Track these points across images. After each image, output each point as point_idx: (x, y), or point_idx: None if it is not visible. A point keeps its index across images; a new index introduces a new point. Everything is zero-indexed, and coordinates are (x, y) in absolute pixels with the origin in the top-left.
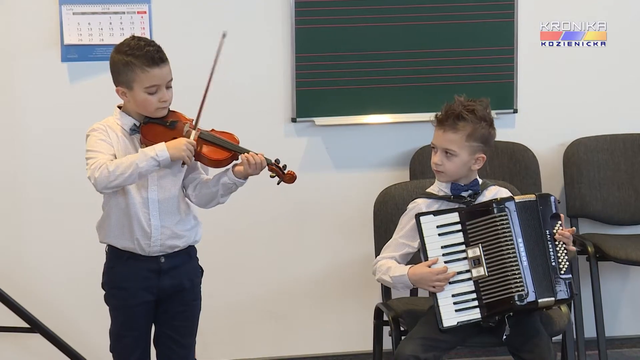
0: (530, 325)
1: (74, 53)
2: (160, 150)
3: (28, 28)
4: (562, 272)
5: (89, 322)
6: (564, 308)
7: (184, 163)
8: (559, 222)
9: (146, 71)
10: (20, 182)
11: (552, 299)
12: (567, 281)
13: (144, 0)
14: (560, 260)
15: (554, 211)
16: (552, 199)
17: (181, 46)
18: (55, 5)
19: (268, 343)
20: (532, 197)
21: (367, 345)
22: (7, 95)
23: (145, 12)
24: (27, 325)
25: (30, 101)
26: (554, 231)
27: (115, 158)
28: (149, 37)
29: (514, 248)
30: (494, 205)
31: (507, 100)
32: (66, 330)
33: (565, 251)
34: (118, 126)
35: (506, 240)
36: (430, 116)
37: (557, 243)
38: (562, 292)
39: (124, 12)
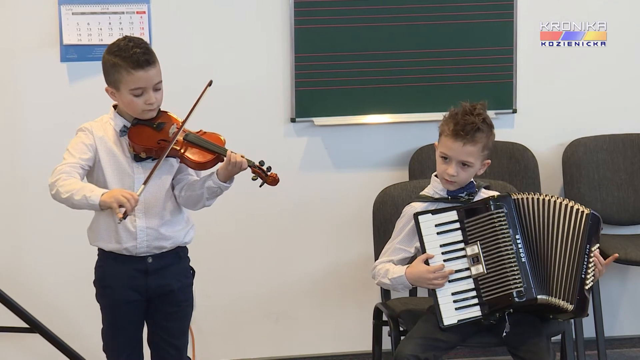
0: (530, 325)
1: (73, 53)
2: (96, 195)
3: (27, 28)
4: (587, 288)
5: (88, 323)
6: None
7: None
8: (597, 245)
9: (131, 73)
10: (20, 182)
11: (572, 306)
12: (585, 297)
13: (143, 0)
14: (587, 277)
15: (594, 232)
16: (599, 219)
17: (180, 46)
18: (54, 5)
19: (267, 343)
20: (586, 210)
21: (367, 345)
22: (6, 95)
23: (144, 12)
24: (26, 326)
25: (30, 101)
26: (592, 250)
27: (91, 163)
28: (147, 38)
29: (511, 244)
30: (491, 202)
31: (506, 100)
32: (65, 331)
33: (593, 273)
34: (110, 126)
35: (504, 237)
36: (429, 116)
37: (591, 261)
38: (580, 305)
39: (123, 12)
